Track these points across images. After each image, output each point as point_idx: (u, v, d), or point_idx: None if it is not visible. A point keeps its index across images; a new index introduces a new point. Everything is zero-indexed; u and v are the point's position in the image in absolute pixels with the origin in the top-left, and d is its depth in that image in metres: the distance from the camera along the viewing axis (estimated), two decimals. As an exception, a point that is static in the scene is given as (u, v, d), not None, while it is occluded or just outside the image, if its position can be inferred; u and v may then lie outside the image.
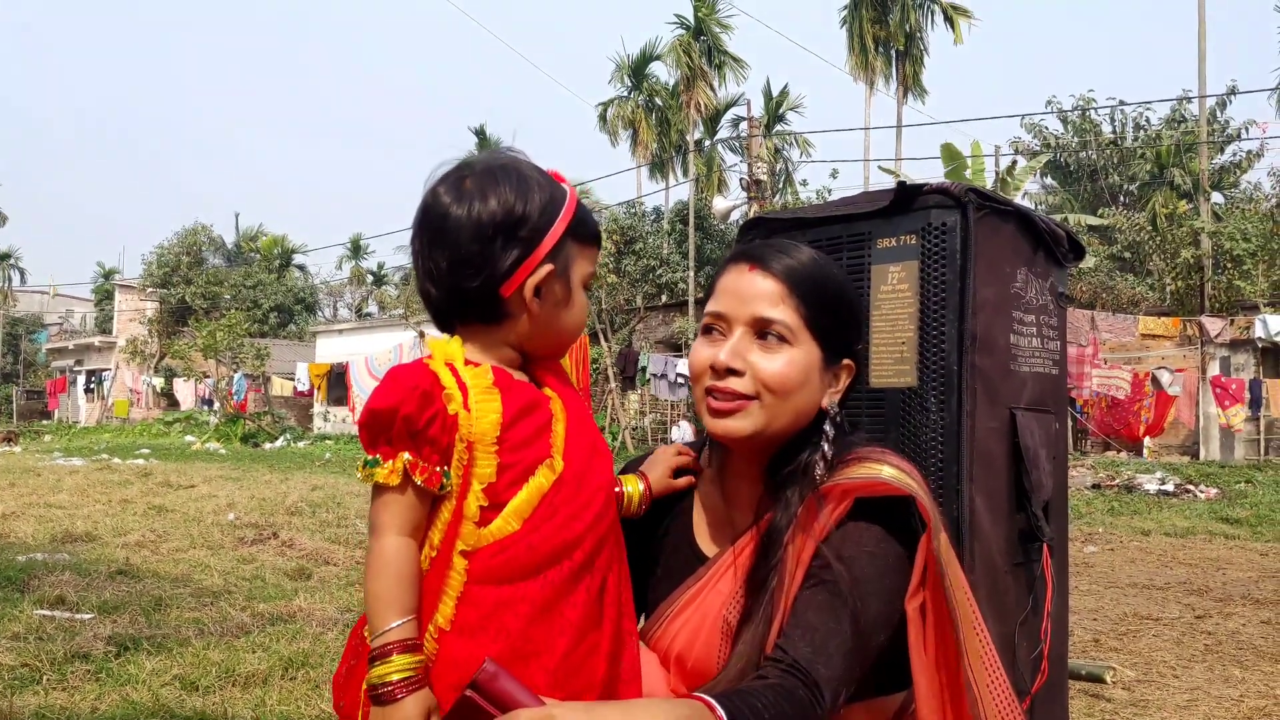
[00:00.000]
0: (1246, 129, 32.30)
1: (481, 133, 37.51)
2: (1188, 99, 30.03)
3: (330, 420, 28.50)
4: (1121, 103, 33.29)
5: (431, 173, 1.27)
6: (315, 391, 26.67)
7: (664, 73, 35.61)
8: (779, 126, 35.56)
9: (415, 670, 1.13)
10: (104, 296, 44.36)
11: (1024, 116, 35.63)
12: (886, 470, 1.27)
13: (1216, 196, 29.29)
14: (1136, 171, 33.61)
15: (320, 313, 45.21)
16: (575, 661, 1.19)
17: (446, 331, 1.27)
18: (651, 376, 18.38)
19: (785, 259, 1.34)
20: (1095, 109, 34.06)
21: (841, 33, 34.26)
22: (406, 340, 23.25)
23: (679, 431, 19.62)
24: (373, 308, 44.81)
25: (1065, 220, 16.65)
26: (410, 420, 1.15)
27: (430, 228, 1.23)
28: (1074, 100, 34.56)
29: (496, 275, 1.21)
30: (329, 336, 32.06)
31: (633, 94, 36.10)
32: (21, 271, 54.05)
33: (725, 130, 35.54)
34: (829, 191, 27.11)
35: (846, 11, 33.92)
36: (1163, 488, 12.36)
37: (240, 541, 7.50)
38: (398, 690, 1.12)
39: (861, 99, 34.79)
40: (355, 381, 22.77)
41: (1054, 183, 36.97)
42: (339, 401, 27.13)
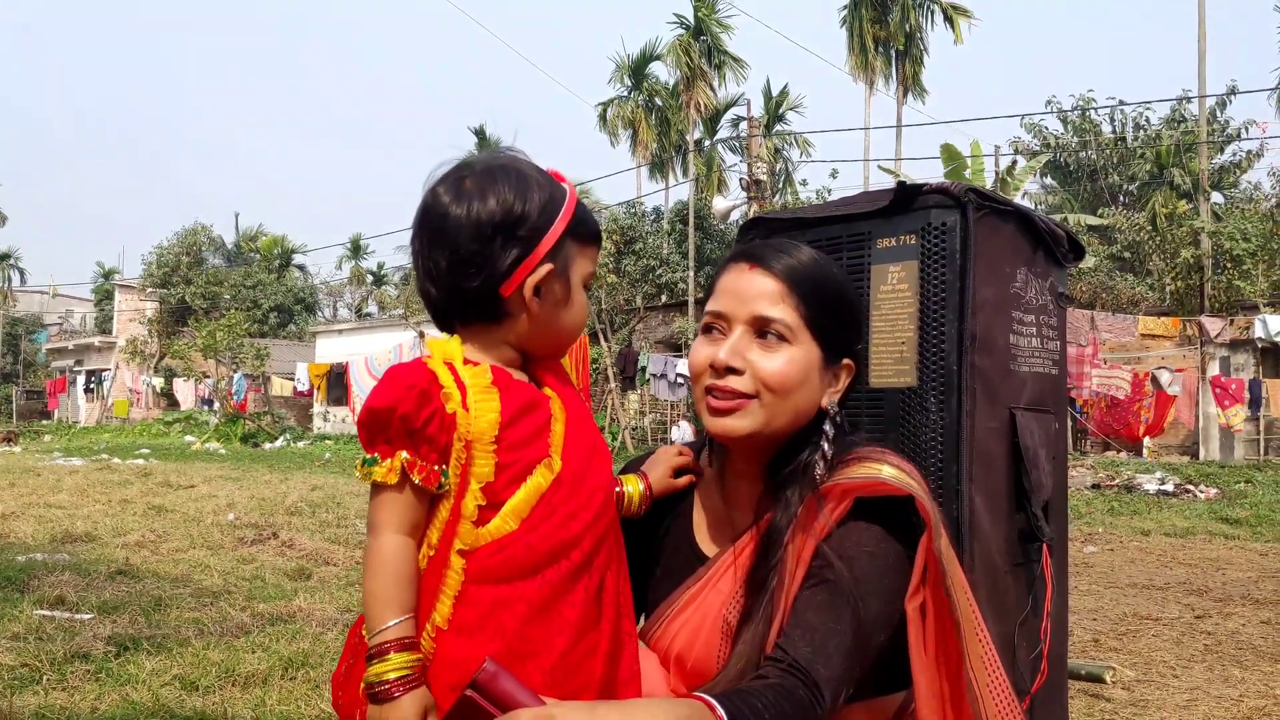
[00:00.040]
0: (1246, 129, 32.33)
1: (481, 133, 37.50)
2: (1188, 99, 30.07)
3: (330, 420, 28.51)
4: (1121, 103, 33.34)
5: (431, 172, 1.27)
6: (315, 391, 26.67)
7: (664, 73, 35.66)
8: (779, 126, 35.57)
9: (412, 669, 1.13)
10: (104, 296, 44.35)
11: (1024, 116, 35.71)
12: (886, 470, 1.27)
13: (1216, 196, 29.29)
14: (1136, 171, 33.61)
15: (320, 313, 45.21)
16: (573, 661, 1.19)
17: (446, 331, 1.27)
18: (651, 376, 18.38)
19: (785, 258, 1.34)
20: (1095, 109, 34.10)
21: (841, 33, 34.31)
22: (406, 340, 23.25)
23: (679, 431, 19.61)
24: (372, 308, 44.80)
25: (1065, 220, 16.64)
26: (408, 419, 1.15)
27: (430, 227, 1.23)
28: (1074, 100, 34.62)
29: (496, 275, 1.20)
30: (329, 336, 32.06)
31: (633, 94, 36.09)
32: (21, 271, 54.09)
33: (725, 130, 35.56)
34: (829, 191, 27.13)
35: (846, 11, 33.92)
36: (1162, 488, 12.36)
37: (240, 541, 7.49)
38: (394, 689, 1.12)
39: (861, 99, 34.84)
40: (355, 381, 22.78)
41: (1054, 183, 36.97)
42: (339, 401, 27.14)
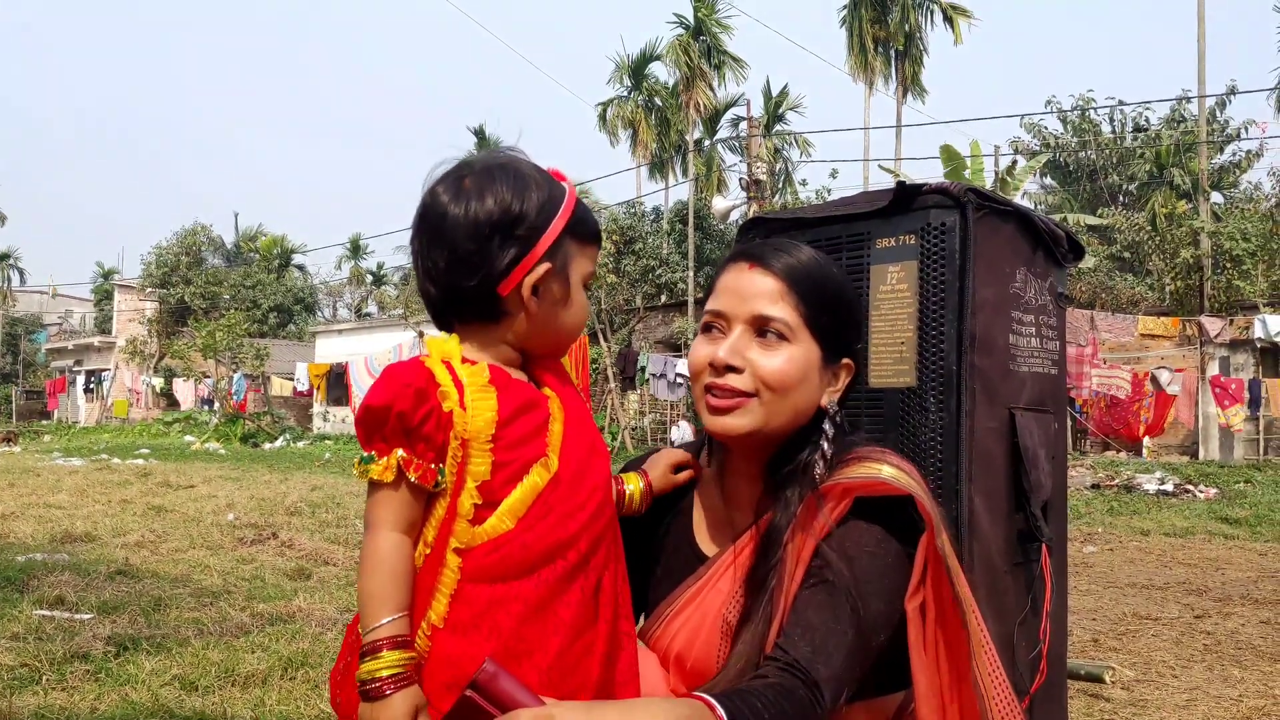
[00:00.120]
0: (1246, 129, 32.33)
1: (481, 133, 37.50)
2: (1187, 99, 30.07)
3: (330, 420, 28.51)
4: (1121, 103, 33.35)
5: (431, 172, 1.27)
6: (315, 392, 26.65)
7: (664, 73, 35.66)
8: (779, 126, 35.58)
9: (405, 667, 1.13)
10: (103, 296, 44.33)
11: (1023, 116, 35.70)
12: (886, 470, 1.27)
13: (1216, 196, 29.29)
14: (1136, 171, 33.61)
15: (320, 313, 45.19)
16: (569, 661, 1.19)
17: (446, 330, 1.27)
18: (651, 376, 18.39)
19: (785, 257, 1.34)
20: (1095, 109, 34.10)
21: (841, 33, 34.32)
22: (406, 340, 23.26)
23: (678, 431, 19.61)
24: (372, 308, 44.80)
25: (1064, 220, 16.64)
26: (404, 417, 1.15)
27: (429, 227, 1.23)
28: (1074, 100, 34.61)
29: (494, 274, 1.20)
30: (328, 336, 32.06)
31: (632, 94, 36.09)
32: (21, 271, 54.09)
33: (725, 130, 35.57)
34: (828, 191, 27.18)
35: (846, 11, 33.93)
36: (1162, 488, 12.36)
37: (240, 542, 7.49)
38: (386, 686, 1.12)
39: (861, 99, 34.92)
40: (355, 381, 22.76)
41: (1053, 183, 36.98)
42: (338, 401, 27.14)
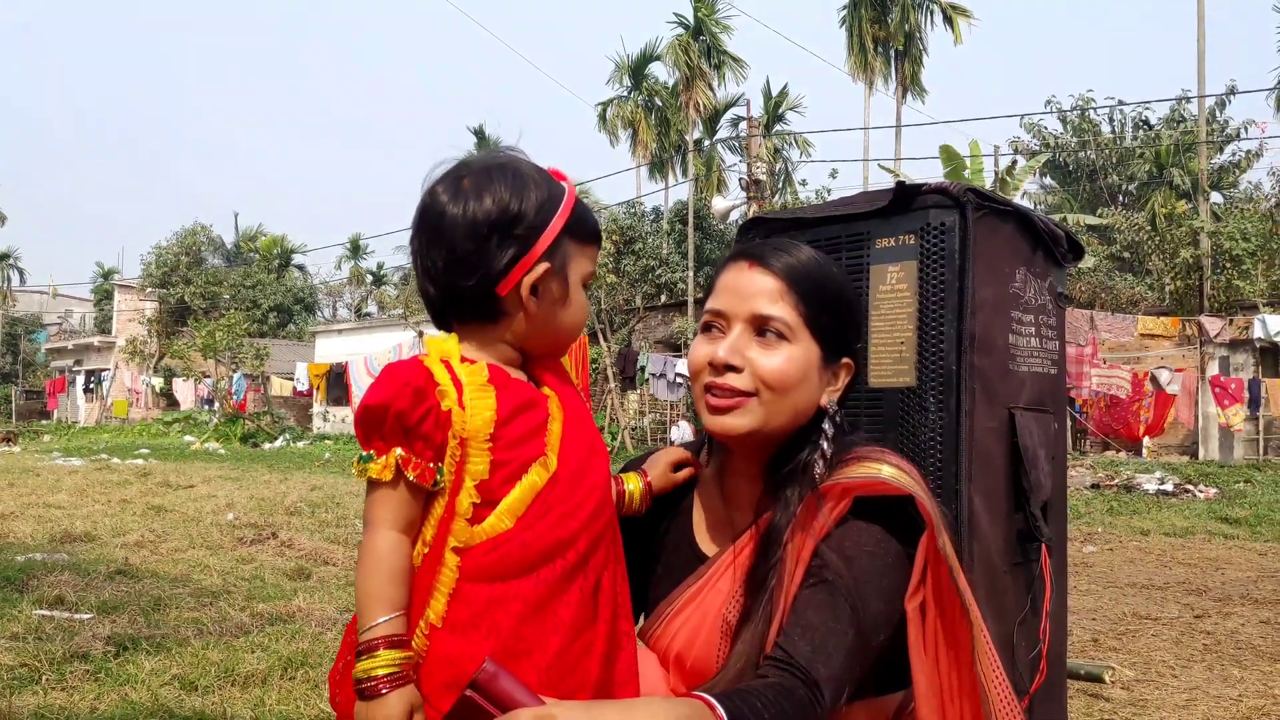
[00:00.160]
0: (1245, 129, 32.34)
1: (481, 133, 37.51)
2: (1187, 99, 30.08)
3: (330, 420, 28.51)
4: (1120, 102, 33.34)
5: (430, 172, 1.27)
6: (314, 391, 26.65)
7: (663, 73, 35.67)
8: (778, 126, 35.59)
9: (401, 666, 1.13)
10: (103, 296, 44.31)
11: (1023, 116, 35.70)
12: (886, 469, 1.27)
13: (1216, 196, 29.28)
14: (1135, 171, 33.61)
15: (319, 313, 45.19)
16: (569, 661, 1.19)
17: (445, 330, 1.27)
18: (650, 376, 18.39)
19: (785, 257, 1.34)
20: (1094, 109, 34.10)
21: (841, 33, 34.33)
22: (406, 340, 23.27)
23: (678, 431, 19.61)
24: (372, 308, 44.80)
25: (1064, 220, 16.64)
26: (403, 416, 1.15)
27: (428, 226, 1.23)
28: (1073, 100, 34.62)
29: (492, 274, 1.20)
30: (328, 336, 32.05)
31: (632, 94, 36.09)
32: (21, 271, 54.10)
33: (725, 130, 35.57)
34: (828, 191, 27.18)
35: (846, 11, 33.94)
36: (1162, 487, 12.35)
37: (239, 541, 7.48)
38: (382, 685, 1.12)
39: (861, 99, 34.91)
40: (355, 381, 22.77)
41: (1053, 183, 36.98)
42: (338, 401, 27.14)
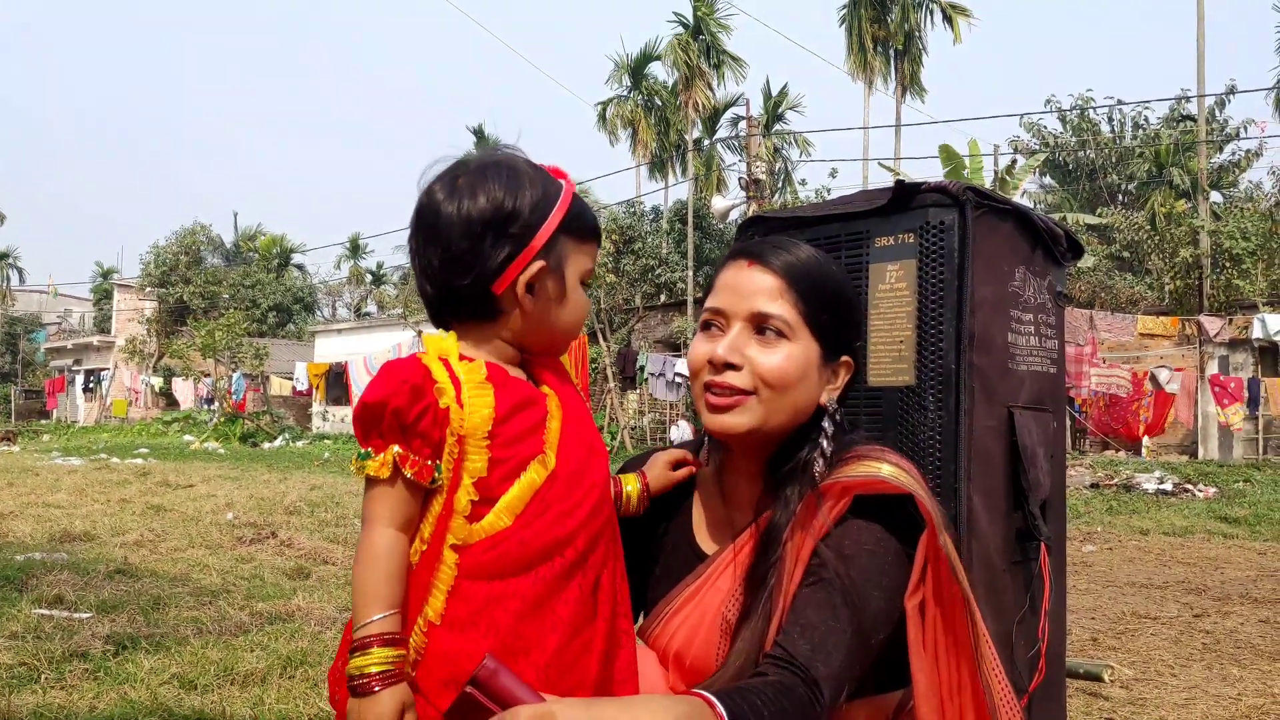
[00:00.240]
0: (1245, 128, 32.34)
1: (480, 132, 37.47)
2: (1186, 98, 30.10)
3: (329, 420, 28.51)
4: (1120, 102, 33.35)
5: (427, 170, 1.27)
6: (314, 391, 26.67)
7: (663, 72, 35.66)
8: (778, 126, 35.60)
9: (394, 665, 1.13)
10: (102, 296, 44.28)
11: (1023, 116, 35.72)
12: (885, 468, 1.27)
13: (1215, 195, 29.28)
14: (1135, 171, 33.62)
15: (319, 312, 45.19)
16: (568, 659, 1.19)
17: (443, 329, 1.27)
18: (650, 376, 18.40)
19: (784, 255, 1.34)
20: (1094, 108, 34.10)
21: (840, 32, 34.35)
22: (405, 340, 23.28)
23: (678, 431, 19.61)
24: (371, 307, 44.80)
25: (1064, 219, 16.66)
26: (400, 414, 1.15)
27: (424, 225, 1.24)
28: (1073, 100, 34.62)
29: (487, 272, 1.20)
30: (328, 336, 32.05)
31: (632, 93, 36.08)
32: (20, 271, 54.09)
33: (724, 130, 35.57)
34: (828, 191, 27.18)
35: (845, 11, 33.94)
36: (1161, 487, 12.35)
37: (239, 541, 7.48)
38: (374, 683, 1.12)
39: (860, 98, 34.90)
40: (354, 381, 22.79)
41: (1052, 182, 37.00)
42: (338, 401, 27.15)
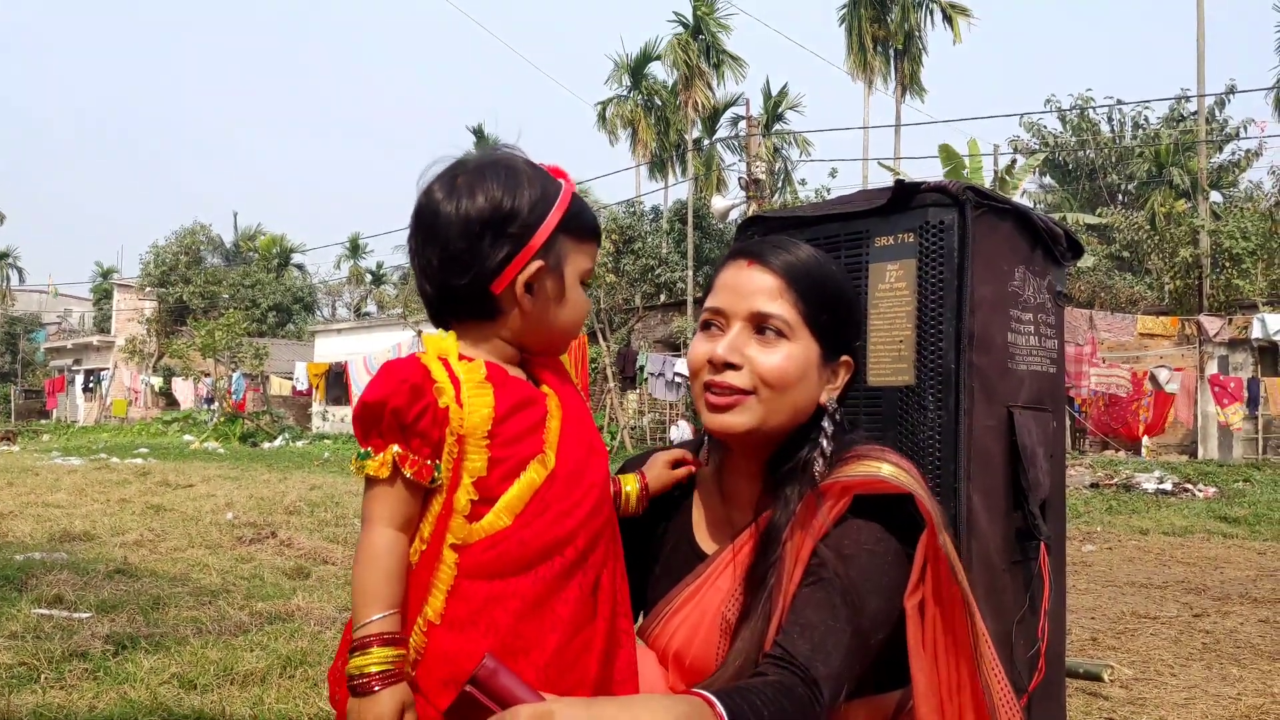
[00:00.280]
0: (1245, 128, 32.34)
1: (480, 132, 37.47)
2: (1186, 98, 30.10)
3: (329, 420, 28.50)
4: (1120, 102, 33.33)
5: (427, 170, 1.27)
6: (314, 391, 26.68)
7: (663, 72, 35.66)
8: (778, 125, 35.60)
9: (393, 664, 1.13)
10: (102, 296, 44.27)
11: (1022, 115, 35.70)
12: (885, 468, 1.27)
13: (1215, 195, 29.28)
14: (1135, 170, 33.61)
15: (319, 312, 45.18)
16: (567, 659, 1.19)
17: (443, 328, 1.27)
18: (650, 376, 18.40)
19: (784, 255, 1.34)
20: (1094, 108, 34.10)
21: (840, 32, 34.35)
22: (405, 339, 23.29)
23: (678, 431, 19.61)
24: (371, 307, 44.80)
25: (1063, 219, 16.66)
26: (400, 413, 1.15)
27: (423, 225, 1.24)
28: (1073, 99, 34.61)
29: (486, 272, 1.20)
30: (327, 336, 32.05)
31: (632, 93, 36.08)
32: (20, 271, 54.08)
33: (724, 129, 35.58)
34: (828, 190, 27.16)
35: (845, 10, 33.93)
36: (1161, 486, 12.35)
37: (238, 540, 7.48)
38: (374, 682, 1.12)
39: (860, 98, 34.91)
40: (354, 381, 22.80)
41: (1052, 182, 36.99)
42: (338, 401, 27.15)
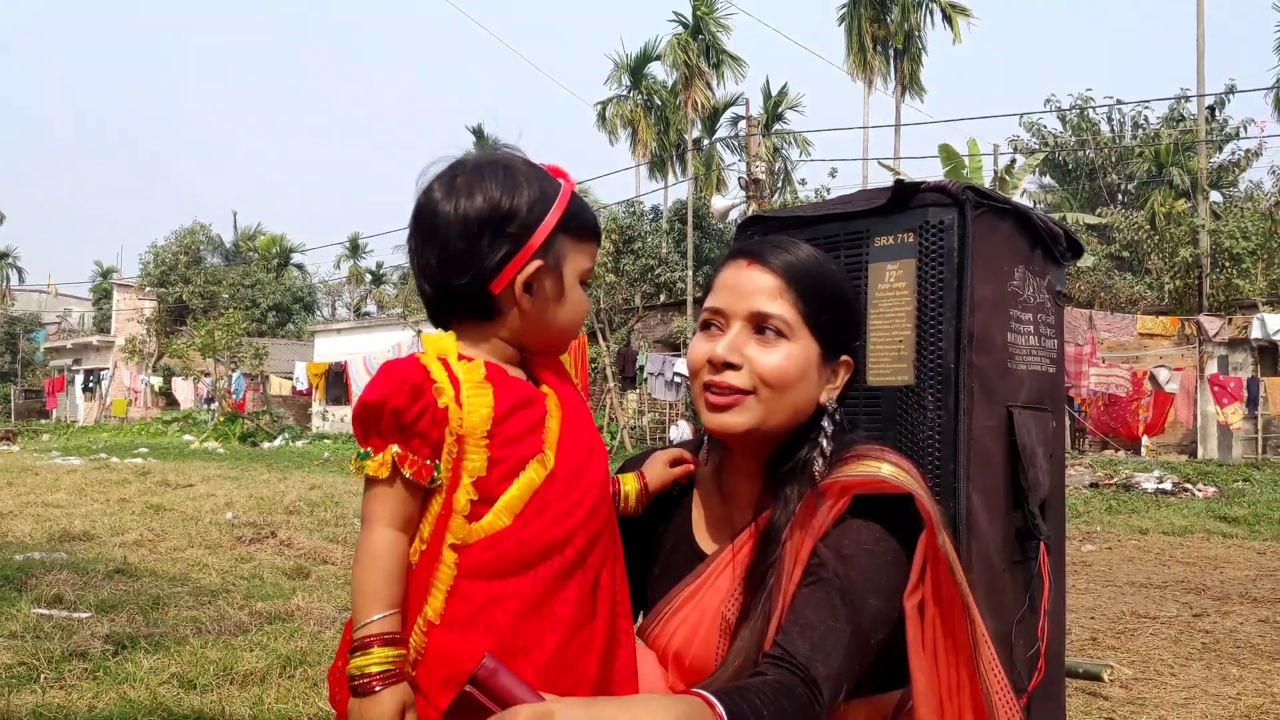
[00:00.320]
0: (1245, 127, 32.33)
1: (480, 132, 37.47)
2: (1186, 98, 30.09)
3: (329, 419, 28.51)
4: (1120, 101, 33.33)
5: (426, 170, 1.27)
6: (314, 391, 26.68)
7: (662, 72, 35.66)
8: (778, 125, 35.60)
9: (394, 664, 1.13)
10: (102, 295, 44.27)
11: (1022, 115, 35.69)
12: (885, 468, 1.27)
13: (1215, 195, 29.27)
14: (1135, 170, 33.61)
15: (318, 312, 45.18)
16: (567, 659, 1.18)
17: (442, 328, 1.27)
18: (649, 376, 18.41)
19: (784, 254, 1.34)
20: (1094, 108, 34.10)
21: (840, 31, 34.33)
22: (405, 339, 23.29)
23: (677, 431, 19.61)
24: (371, 307, 44.81)
25: (1063, 219, 16.66)
26: (399, 413, 1.15)
27: (422, 225, 1.24)
28: (1072, 99, 34.60)
29: (484, 272, 1.20)
30: (327, 336, 32.05)
31: (631, 93, 36.08)
32: (20, 270, 54.08)
33: (724, 129, 35.58)
34: (828, 190, 27.15)
35: (845, 10, 33.93)
36: (1160, 486, 12.35)
37: (238, 540, 7.48)
38: (375, 683, 1.12)
39: (860, 98, 34.91)
40: (354, 381, 22.80)
41: (1052, 181, 36.99)
42: (337, 401, 27.15)
